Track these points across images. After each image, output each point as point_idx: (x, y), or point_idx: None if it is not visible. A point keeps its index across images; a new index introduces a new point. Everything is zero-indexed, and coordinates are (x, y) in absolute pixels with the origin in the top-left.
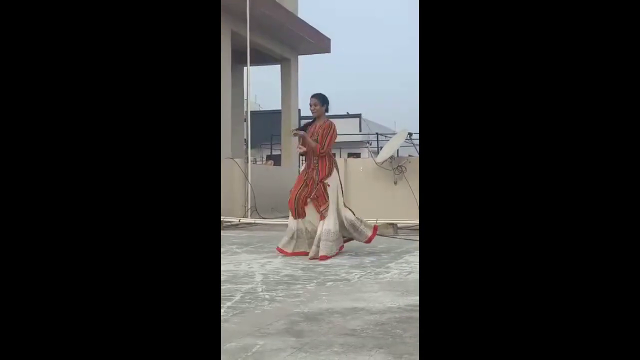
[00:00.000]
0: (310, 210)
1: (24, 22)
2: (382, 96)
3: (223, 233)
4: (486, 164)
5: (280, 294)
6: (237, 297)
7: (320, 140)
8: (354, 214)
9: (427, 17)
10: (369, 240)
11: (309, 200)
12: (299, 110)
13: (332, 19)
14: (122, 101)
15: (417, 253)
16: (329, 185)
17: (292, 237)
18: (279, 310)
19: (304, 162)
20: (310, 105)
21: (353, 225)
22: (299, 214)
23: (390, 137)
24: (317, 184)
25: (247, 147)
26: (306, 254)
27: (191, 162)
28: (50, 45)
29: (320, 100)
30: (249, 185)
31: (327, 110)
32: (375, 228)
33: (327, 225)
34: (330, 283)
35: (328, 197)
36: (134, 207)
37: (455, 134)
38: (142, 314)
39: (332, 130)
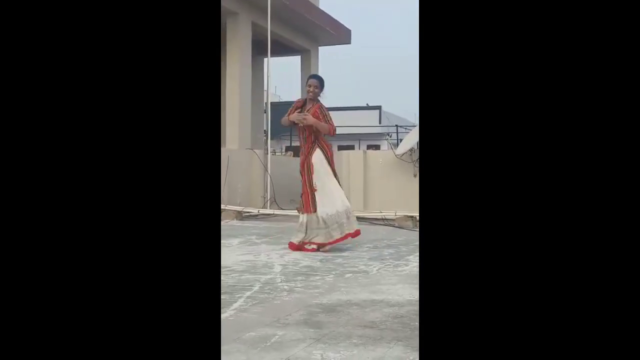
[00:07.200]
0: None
1: (23, 20)
2: (403, 88)
3: (242, 224)
4: (486, 160)
5: (299, 285)
6: (256, 288)
7: (323, 121)
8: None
9: (427, 16)
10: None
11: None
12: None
13: (352, 10)
14: (122, 91)
15: None
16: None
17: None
18: (297, 301)
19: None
20: (310, 87)
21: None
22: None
23: (410, 130)
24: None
25: (267, 138)
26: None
27: (191, 155)
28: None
29: (321, 83)
30: (268, 176)
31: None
32: (331, 242)
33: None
34: (349, 275)
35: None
36: (133, 198)
37: (455, 132)
38: (141, 308)
39: (325, 110)
